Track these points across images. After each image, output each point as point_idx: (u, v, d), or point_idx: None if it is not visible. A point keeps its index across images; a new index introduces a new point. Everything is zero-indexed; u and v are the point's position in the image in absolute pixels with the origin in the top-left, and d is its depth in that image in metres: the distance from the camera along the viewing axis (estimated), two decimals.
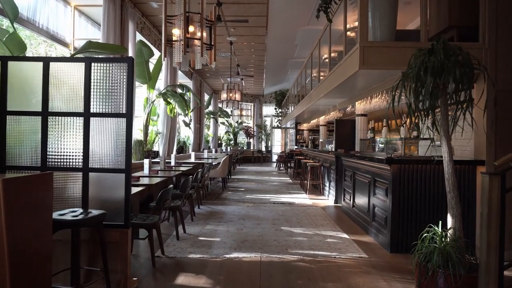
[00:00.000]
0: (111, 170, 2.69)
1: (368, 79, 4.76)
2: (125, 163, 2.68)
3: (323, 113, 9.82)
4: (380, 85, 4.95)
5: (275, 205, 6.78)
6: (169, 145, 9.91)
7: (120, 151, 2.69)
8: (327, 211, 6.34)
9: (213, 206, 6.60)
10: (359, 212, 5.28)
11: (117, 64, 2.72)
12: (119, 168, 2.68)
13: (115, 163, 2.70)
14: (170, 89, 8.74)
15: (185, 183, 4.40)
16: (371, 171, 4.72)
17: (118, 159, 2.70)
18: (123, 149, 2.68)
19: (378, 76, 4.49)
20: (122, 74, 2.71)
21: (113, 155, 2.70)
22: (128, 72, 2.69)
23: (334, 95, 6.25)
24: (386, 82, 4.61)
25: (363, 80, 4.78)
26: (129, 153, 2.66)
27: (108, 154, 2.70)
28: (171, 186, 3.73)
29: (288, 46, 10.53)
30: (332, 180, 7.43)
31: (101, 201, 2.71)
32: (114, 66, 2.71)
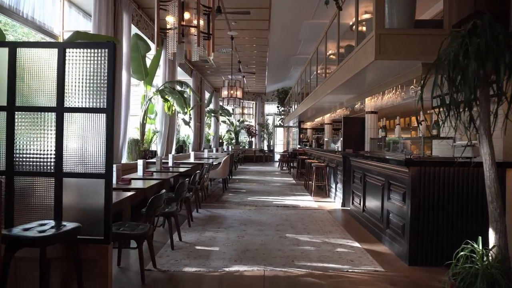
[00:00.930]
0: (88, 175, 2.28)
1: (382, 72, 4.33)
2: (105, 167, 2.27)
3: (328, 111, 9.39)
4: (394, 79, 4.52)
5: (278, 209, 6.37)
6: (168, 144, 9.51)
7: (100, 153, 2.28)
8: (334, 215, 5.92)
9: (212, 210, 6.19)
10: (371, 217, 4.86)
11: (96, 51, 2.31)
12: (98, 173, 2.28)
13: (94, 167, 2.30)
14: (168, 85, 8.33)
15: (181, 186, 4.00)
16: (384, 173, 4.30)
17: (97, 162, 2.29)
18: (103, 151, 2.27)
19: (393, 69, 4.06)
20: (102, 62, 2.31)
21: (91, 158, 2.29)
22: (109, 59, 2.29)
23: (342, 91, 5.83)
24: (402, 75, 4.18)
25: (376, 73, 4.35)
26: (110, 155, 2.25)
27: (86, 156, 2.29)
28: (163, 191, 3.32)
29: (291, 41, 10.10)
30: (339, 181, 7.01)
31: (78, 211, 2.31)
32: (93, 53, 2.30)
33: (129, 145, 7.38)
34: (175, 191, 3.98)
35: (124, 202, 3.73)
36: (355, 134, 6.50)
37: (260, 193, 8.14)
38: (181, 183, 3.99)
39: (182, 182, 4.01)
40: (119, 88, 6.09)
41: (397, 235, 3.89)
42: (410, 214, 3.54)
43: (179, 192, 3.98)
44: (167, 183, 6.04)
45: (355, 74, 4.50)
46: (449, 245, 3.49)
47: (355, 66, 4.39)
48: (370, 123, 5.94)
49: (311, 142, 13.44)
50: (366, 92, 5.55)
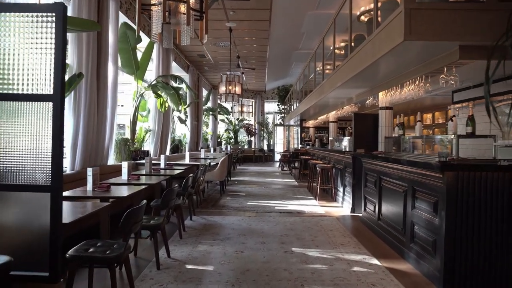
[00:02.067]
0: (27, 187, 1.66)
1: (405, 60, 3.70)
2: (51, 176, 1.64)
3: (334, 108, 8.76)
4: (418, 68, 3.89)
5: (281, 215, 5.74)
6: (162, 144, 8.88)
7: (45, 157, 1.66)
8: (344, 223, 5.30)
9: (208, 217, 5.56)
10: (389, 228, 4.23)
11: (38, 16, 1.68)
12: (40, 185, 1.65)
13: (36, 176, 1.67)
14: (161, 80, 7.70)
15: (168, 194, 3.37)
16: (408, 178, 3.67)
17: (42, 170, 1.67)
18: (48, 153, 1.65)
19: (421, 54, 3.42)
20: (47, 32, 1.68)
21: (32, 164, 1.67)
22: (57, 28, 1.66)
23: (353, 84, 5.21)
24: (429, 62, 3.55)
25: (398, 61, 3.73)
26: (59, 160, 1.63)
27: (24, 162, 1.67)
28: (143, 202, 2.69)
29: (293, 34, 9.46)
30: (347, 185, 6.39)
31: (11, 239, 1.69)
32: (34, 20, 1.67)
33: (117, 144, 6.75)
34: (161, 199, 3.35)
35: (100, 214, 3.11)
36: (366, 132, 5.87)
37: (261, 197, 7.51)
38: (168, 190, 3.36)
39: (169, 189, 3.38)
40: (104, 81, 5.45)
41: (426, 252, 3.26)
42: (445, 229, 2.92)
43: (166, 200, 3.35)
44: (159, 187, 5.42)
45: (371, 63, 3.87)
46: (494, 266, 2.87)
47: (373, 54, 3.76)
48: (384, 120, 5.32)
49: (314, 141, 12.82)
50: (381, 85, 4.93)
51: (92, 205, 3.03)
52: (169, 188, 3.39)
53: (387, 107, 5.31)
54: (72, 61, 4.76)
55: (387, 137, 5.20)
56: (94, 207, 2.64)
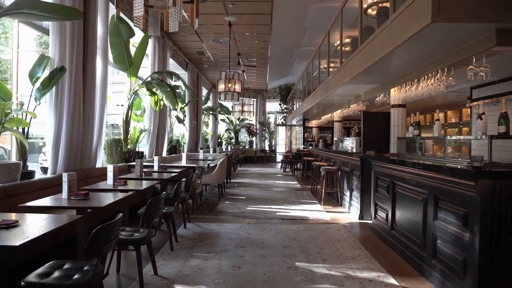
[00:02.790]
0: None
1: (427, 49, 3.24)
2: None
3: (339, 107, 8.30)
4: (439, 60, 3.43)
5: (284, 222, 5.29)
6: (158, 144, 8.45)
7: None
8: (352, 231, 4.84)
9: (204, 224, 5.11)
10: (404, 239, 3.78)
11: None
12: None
13: None
14: (156, 77, 7.27)
15: (153, 204, 2.91)
16: (429, 184, 3.22)
17: None
18: None
19: (449, 39, 2.93)
20: None
21: None
22: None
23: (363, 79, 4.75)
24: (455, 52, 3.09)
25: (418, 50, 3.26)
26: None
27: None
28: (119, 216, 2.25)
29: (296, 29, 9.01)
30: (354, 189, 5.93)
31: None
32: None
33: (108, 145, 6.32)
34: (145, 209, 2.90)
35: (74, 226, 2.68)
36: (376, 132, 5.41)
37: (262, 201, 7.06)
38: (154, 199, 2.91)
39: (155, 197, 2.93)
40: (91, 77, 5.02)
41: (453, 272, 2.80)
42: (479, 246, 2.46)
43: (151, 211, 2.90)
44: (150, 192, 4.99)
45: (386, 53, 3.42)
46: None
47: (389, 42, 3.31)
48: (397, 119, 4.86)
49: (317, 141, 12.36)
50: (394, 80, 4.47)
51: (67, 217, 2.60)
52: (155, 196, 2.93)
53: (400, 105, 4.85)
54: (54, 54, 4.33)
55: (400, 137, 4.74)
56: (58, 222, 2.20)
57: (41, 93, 4.10)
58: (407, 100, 4.60)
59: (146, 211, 2.85)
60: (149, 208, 2.86)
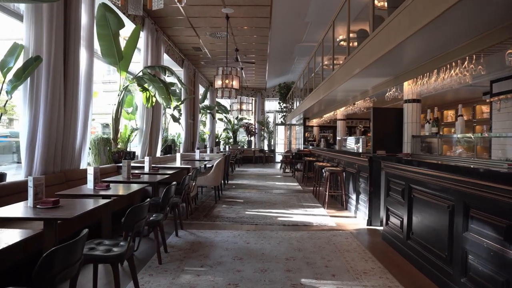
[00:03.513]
0: None
1: (454, 32, 2.79)
2: None
3: (343, 104, 7.84)
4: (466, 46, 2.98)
5: (286, 229, 4.84)
6: (151, 144, 7.98)
7: None
8: (362, 240, 4.39)
9: (198, 232, 4.65)
10: (424, 250, 3.33)
11: None
12: None
13: None
14: (149, 71, 6.80)
15: (133, 214, 2.44)
16: (456, 190, 2.77)
17: None
18: None
19: (478, 21, 2.52)
20: None
21: None
22: None
23: (373, 72, 4.31)
24: (489, 35, 2.65)
25: (445, 33, 2.81)
26: None
27: None
28: (84, 232, 1.78)
29: (297, 23, 8.57)
30: (361, 192, 5.48)
31: None
32: None
33: (95, 145, 5.85)
34: (123, 221, 2.44)
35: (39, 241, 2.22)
36: (387, 130, 4.96)
37: (261, 204, 6.60)
38: (134, 208, 2.44)
39: (136, 206, 2.46)
40: (74, 69, 4.56)
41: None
42: None
43: (130, 223, 2.43)
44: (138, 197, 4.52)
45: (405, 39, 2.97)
46: None
47: (408, 26, 2.86)
48: (410, 116, 4.41)
49: (319, 141, 11.91)
50: (409, 71, 4.02)
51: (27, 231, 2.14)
52: (136, 205, 2.45)
53: (414, 100, 4.40)
54: (28, 42, 3.86)
55: (415, 136, 4.29)
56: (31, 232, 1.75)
57: (13, 85, 3.64)
58: (423, 94, 4.15)
59: (125, 223, 2.39)
60: (129, 219, 2.39)
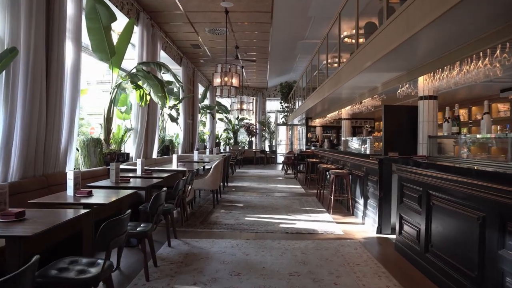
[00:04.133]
0: None
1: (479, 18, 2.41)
2: None
3: (348, 103, 7.44)
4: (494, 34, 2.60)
5: (288, 237, 4.45)
6: (147, 145, 7.61)
7: None
8: (373, 251, 3.99)
9: (193, 241, 4.26)
10: (446, 266, 2.93)
11: None
12: None
13: None
14: (143, 68, 6.43)
15: (106, 232, 2.04)
16: (490, 199, 2.37)
17: None
18: None
19: None
20: None
21: None
22: None
23: (384, 66, 3.91)
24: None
25: (472, 18, 2.43)
26: None
27: None
28: (34, 259, 1.40)
29: (299, 19, 8.20)
30: (370, 196, 5.09)
31: None
32: None
33: (84, 146, 5.47)
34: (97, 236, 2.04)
35: None
36: (399, 130, 4.56)
37: (262, 209, 6.21)
38: (106, 225, 2.04)
39: (107, 223, 2.05)
40: (58, 64, 4.18)
41: None
42: None
43: (103, 241, 2.04)
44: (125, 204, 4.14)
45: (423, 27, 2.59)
46: None
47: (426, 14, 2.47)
48: (426, 114, 4.01)
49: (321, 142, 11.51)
50: (426, 64, 3.62)
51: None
52: (106, 223, 2.06)
53: (431, 96, 4.00)
54: (3, 31, 3.49)
55: (432, 136, 3.90)
56: None
57: None
58: (442, 89, 3.75)
59: (99, 240, 2.00)
60: (103, 236, 2.00)
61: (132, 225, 3.23)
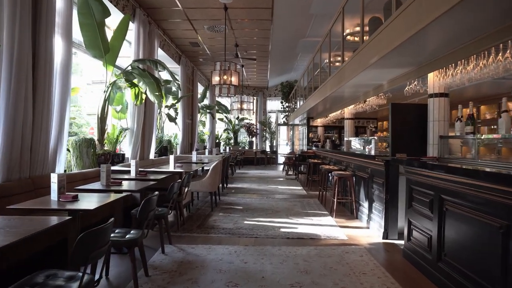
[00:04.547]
0: None
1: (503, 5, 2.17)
2: None
3: (351, 102, 7.20)
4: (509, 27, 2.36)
5: (289, 243, 4.20)
6: (144, 145, 7.38)
7: None
8: (379, 258, 3.75)
9: (188, 247, 4.02)
10: (461, 277, 2.69)
11: None
12: None
13: None
14: (138, 65, 6.19)
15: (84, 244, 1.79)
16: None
17: None
18: None
19: None
20: None
21: None
22: None
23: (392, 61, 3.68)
24: None
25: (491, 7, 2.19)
26: None
27: None
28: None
29: (300, 16, 7.99)
30: (376, 199, 4.85)
31: None
32: None
33: (76, 146, 5.24)
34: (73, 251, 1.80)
35: None
36: (407, 130, 4.31)
37: (262, 212, 5.97)
38: (82, 237, 1.78)
39: (84, 234, 1.80)
40: (46, 60, 3.95)
41: None
42: None
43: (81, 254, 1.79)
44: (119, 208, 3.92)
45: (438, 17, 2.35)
46: None
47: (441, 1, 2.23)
48: (437, 113, 3.76)
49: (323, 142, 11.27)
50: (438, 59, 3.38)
51: None
52: (92, 229, 1.82)
53: (442, 94, 3.76)
54: None
55: (444, 136, 3.66)
56: None
57: None
58: (455, 86, 3.50)
59: (74, 253, 1.76)
60: (79, 248, 1.76)
61: (122, 232, 2.99)
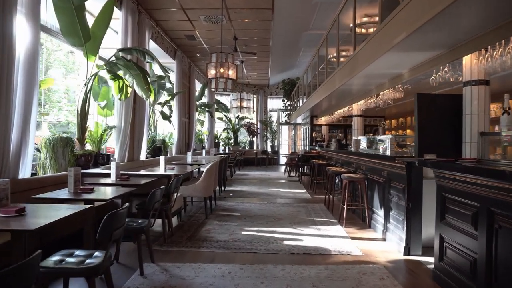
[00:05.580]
0: None
1: None
2: None
3: (361, 97, 6.54)
4: None
5: (294, 260, 3.54)
6: (133, 145, 6.73)
7: None
8: (403, 281, 3.08)
9: (173, 267, 3.36)
10: None
11: None
12: None
13: None
14: (122, 55, 5.55)
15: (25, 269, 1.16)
16: None
17: None
18: None
19: None
20: None
21: None
22: None
23: (419, 41, 3.01)
24: None
25: None
26: None
27: None
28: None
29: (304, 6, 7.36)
30: (393, 207, 4.19)
31: None
32: None
33: (50, 147, 4.60)
34: None
35: None
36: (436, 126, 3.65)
37: (262, 220, 5.31)
38: (22, 264, 1.16)
39: (23, 264, 1.17)
40: (6, 47, 3.30)
41: None
42: None
43: None
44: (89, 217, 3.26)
45: None
46: None
47: None
48: (476, 104, 3.10)
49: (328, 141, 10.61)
50: (476, 37, 2.71)
51: None
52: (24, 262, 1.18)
53: (482, 81, 3.10)
54: None
55: (485, 133, 3.00)
56: None
57: None
58: (501, 70, 2.83)
59: None
60: None
61: (83, 254, 2.33)
